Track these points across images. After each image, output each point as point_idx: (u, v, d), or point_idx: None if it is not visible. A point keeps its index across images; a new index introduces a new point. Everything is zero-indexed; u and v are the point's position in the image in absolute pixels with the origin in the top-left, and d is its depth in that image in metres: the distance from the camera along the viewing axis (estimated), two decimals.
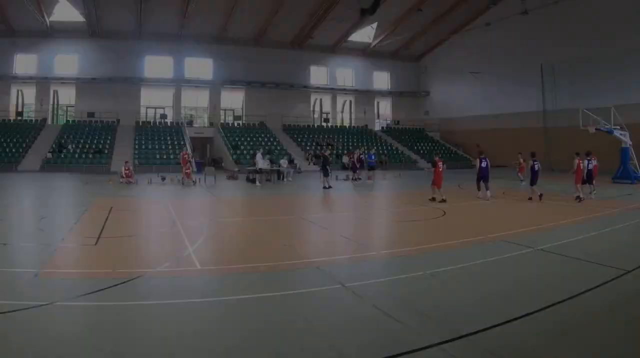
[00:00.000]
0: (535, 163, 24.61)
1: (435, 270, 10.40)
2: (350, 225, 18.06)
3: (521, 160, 32.45)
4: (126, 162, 34.36)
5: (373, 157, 37.28)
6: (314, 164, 49.28)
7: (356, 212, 20.59)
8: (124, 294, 8.75)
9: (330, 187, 30.46)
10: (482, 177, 24.74)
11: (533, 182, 24.38)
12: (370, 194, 25.21)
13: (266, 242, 13.84)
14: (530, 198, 24.01)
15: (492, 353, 6.37)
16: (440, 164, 23.20)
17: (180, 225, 16.34)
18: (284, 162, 37.44)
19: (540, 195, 23.50)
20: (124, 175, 32.56)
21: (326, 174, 31.47)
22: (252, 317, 7.78)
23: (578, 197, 22.71)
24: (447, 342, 6.63)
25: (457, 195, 26.80)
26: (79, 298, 8.47)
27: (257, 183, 33.48)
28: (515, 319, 7.60)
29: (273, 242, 13.88)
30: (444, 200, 21.91)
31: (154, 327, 7.31)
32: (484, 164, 24.83)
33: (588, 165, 25.26)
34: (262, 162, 34.83)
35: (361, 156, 37.92)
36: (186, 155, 34.87)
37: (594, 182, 25.73)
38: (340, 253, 12.61)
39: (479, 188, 24.70)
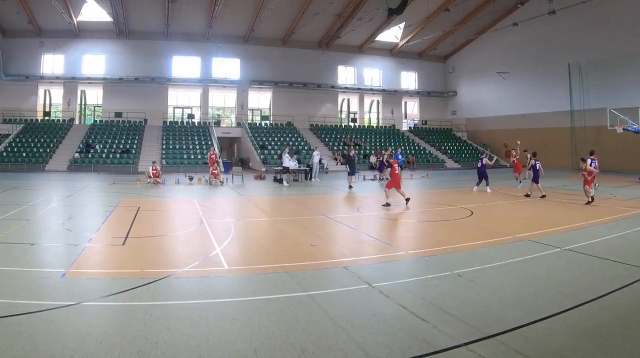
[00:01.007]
0: (536, 162, 25.86)
1: (463, 270, 10.43)
2: (377, 225, 17.98)
3: (515, 155, 30.84)
4: (154, 162, 34.47)
5: (400, 157, 37.11)
6: (342, 164, 49.25)
7: (383, 212, 20.49)
8: (152, 294, 8.79)
9: (350, 186, 30.94)
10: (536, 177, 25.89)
11: (536, 180, 25.56)
12: (396, 194, 25.08)
13: (293, 242, 13.83)
14: (527, 195, 24.93)
15: (520, 353, 6.36)
16: (396, 166, 22.11)
17: (208, 225, 16.45)
18: (292, 163, 37.28)
19: (543, 195, 24.15)
20: (152, 175, 32.69)
21: (351, 173, 32.25)
22: (279, 316, 7.78)
23: (589, 202, 22.43)
24: (474, 342, 6.69)
25: (484, 195, 26.80)
26: (106, 298, 8.54)
27: (285, 183, 33.54)
28: (543, 319, 7.63)
29: (300, 241, 13.87)
30: (408, 200, 21.35)
31: (182, 327, 7.28)
32: (537, 166, 25.72)
33: (591, 164, 25.50)
34: (287, 162, 34.81)
35: (388, 156, 37.73)
36: (213, 155, 34.93)
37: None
38: (367, 253, 12.60)
39: (539, 189, 25.11)
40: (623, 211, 20.21)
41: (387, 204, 20.76)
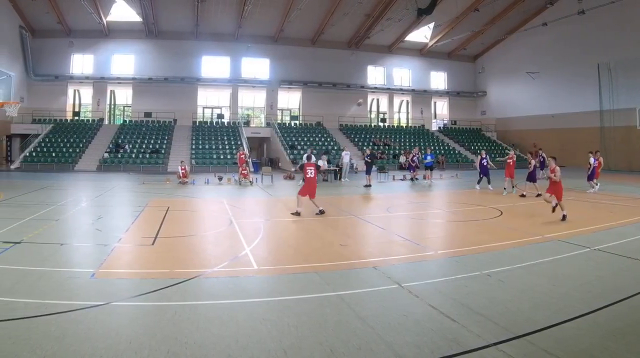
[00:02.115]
0: (535, 163, 26.96)
1: (492, 270, 10.42)
2: (407, 225, 17.94)
3: (512, 157, 29.90)
4: (182, 162, 34.62)
5: (430, 157, 36.96)
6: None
7: (412, 212, 20.44)
8: (181, 294, 8.82)
9: (366, 185, 31.74)
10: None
11: (533, 179, 26.33)
12: (426, 194, 25.04)
13: (322, 242, 13.84)
14: (523, 195, 25.28)
15: (549, 353, 6.34)
16: (309, 170, 19.70)
17: (237, 225, 16.46)
18: (321, 162, 37.21)
19: (538, 194, 24.34)
20: (181, 175, 32.81)
21: (368, 172, 32.92)
22: (308, 317, 7.78)
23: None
24: (503, 342, 6.69)
25: (512, 195, 26.58)
26: (135, 298, 8.58)
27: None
28: (572, 319, 7.63)
29: (329, 241, 13.87)
30: (322, 212, 19.04)
31: (211, 327, 7.29)
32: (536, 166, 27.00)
33: (594, 162, 27.88)
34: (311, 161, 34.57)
35: (414, 157, 37.62)
36: (243, 155, 34.94)
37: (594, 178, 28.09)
38: (396, 253, 12.55)
39: (535, 188, 25.75)
40: None
41: (297, 213, 18.75)
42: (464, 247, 13.11)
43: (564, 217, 16.95)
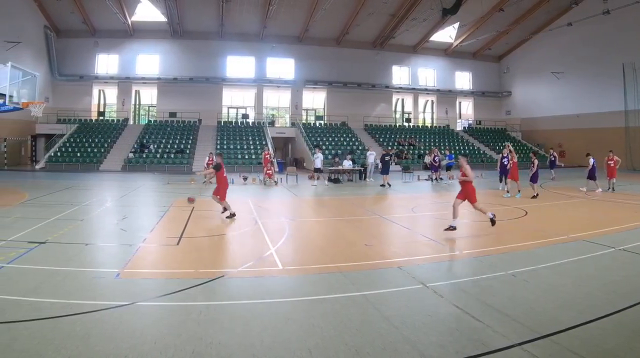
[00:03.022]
0: (538, 162, 26.62)
1: (517, 270, 10.41)
2: (431, 225, 17.92)
3: (512, 158, 29.26)
4: (210, 154, 34.61)
5: (451, 157, 36.78)
6: (396, 164, 49.25)
7: (437, 212, 20.39)
8: (206, 294, 8.85)
9: (382, 185, 32.07)
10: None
11: (535, 180, 25.80)
12: (450, 194, 24.97)
13: (347, 242, 13.80)
14: (535, 196, 24.85)
15: (574, 353, 6.36)
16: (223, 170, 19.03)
17: (262, 225, 16.50)
18: (346, 162, 37.30)
19: (536, 194, 25.01)
20: (207, 165, 32.76)
21: (385, 172, 33.01)
22: (333, 316, 7.79)
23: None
24: (528, 342, 6.72)
25: (541, 195, 26.25)
26: (160, 298, 8.63)
27: (325, 182, 33.86)
28: (597, 319, 7.64)
29: (354, 241, 13.83)
30: (232, 215, 18.10)
31: (236, 327, 7.31)
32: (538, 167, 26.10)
33: (593, 162, 28.21)
34: (319, 162, 34.88)
35: (436, 157, 37.54)
36: (268, 155, 34.99)
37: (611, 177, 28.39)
38: (421, 253, 12.53)
39: (532, 188, 25.62)
40: None
41: (231, 215, 18.02)
42: (488, 247, 13.11)
43: (492, 222, 15.43)
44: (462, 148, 60.69)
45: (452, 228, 14.68)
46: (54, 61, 56.81)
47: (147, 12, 56.50)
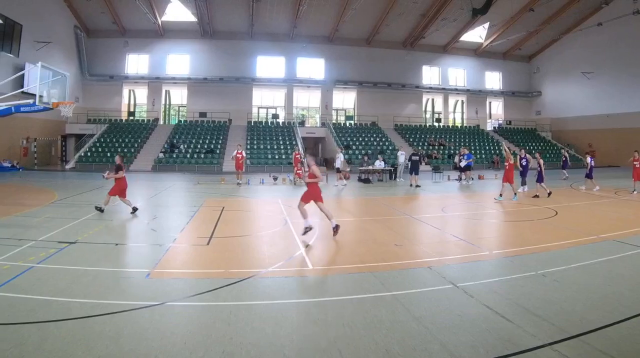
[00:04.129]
0: (540, 162, 26.96)
1: (547, 270, 10.40)
2: (461, 225, 17.85)
3: (509, 159, 28.59)
4: (239, 146, 34.73)
5: (470, 156, 36.53)
6: (426, 164, 49.20)
7: (467, 212, 20.35)
8: (236, 294, 8.87)
9: (411, 185, 32.09)
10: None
11: (541, 180, 25.96)
12: (480, 194, 24.96)
13: (377, 242, 13.77)
14: (536, 196, 24.96)
15: (604, 353, 6.36)
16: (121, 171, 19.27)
17: (292, 225, 16.54)
18: (378, 162, 37.35)
19: (536, 195, 25.13)
20: (235, 157, 32.88)
21: (412, 173, 33.03)
22: (363, 317, 7.78)
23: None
24: (558, 342, 6.73)
25: (569, 195, 26.79)
26: (190, 298, 8.66)
27: (336, 183, 33.63)
28: (627, 319, 7.64)
29: (384, 241, 13.82)
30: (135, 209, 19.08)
31: (266, 327, 7.32)
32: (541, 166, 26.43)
33: (591, 162, 29.02)
34: (339, 163, 34.77)
35: (462, 157, 37.45)
36: (298, 155, 35.11)
37: None
38: (451, 254, 12.50)
39: (543, 188, 25.84)
40: None
41: (133, 209, 18.60)
42: (518, 247, 13.08)
43: (335, 229, 14.54)
44: (492, 148, 60.78)
45: (308, 229, 14.36)
46: (84, 61, 57.58)
47: (177, 12, 57.03)
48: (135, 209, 18.80)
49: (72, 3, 53.20)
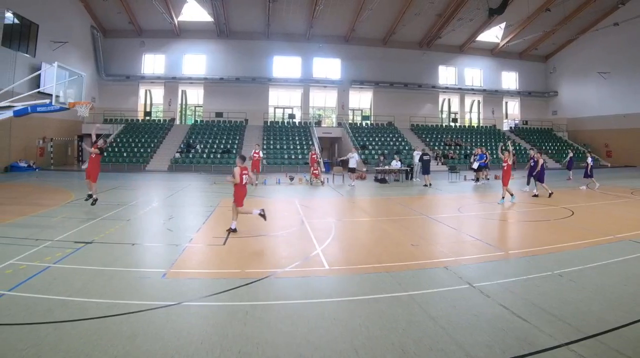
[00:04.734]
0: (542, 161, 27.36)
1: (564, 270, 10.46)
2: (478, 225, 17.83)
3: (506, 160, 27.93)
4: (257, 146, 34.85)
5: (482, 157, 36.38)
6: (443, 164, 49.18)
7: (483, 212, 20.32)
8: (252, 294, 8.91)
9: (425, 185, 32.43)
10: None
11: (541, 179, 26.61)
12: (497, 194, 24.95)
13: (394, 242, 13.77)
14: (536, 195, 25.47)
15: (620, 353, 6.43)
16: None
17: (309, 225, 16.59)
18: (394, 162, 37.39)
19: (536, 195, 25.78)
20: (252, 157, 32.95)
21: (426, 172, 33.53)
22: (379, 316, 7.84)
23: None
24: (575, 341, 6.80)
25: (586, 195, 26.67)
26: (207, 298, 8.70)
27: (352, 183, 33.42)
28: None
29: (401, 241, 13.83)
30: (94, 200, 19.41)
31: (282, 327, 7.37)
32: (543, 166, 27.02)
33: (591, 161, 29.42)
34: (354, 162, 34.58)
35: (475, 157, 37.47)
36: (315, 155, 35.16)
37: None
38: (467, 253, 12.54)
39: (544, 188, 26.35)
40: None
41: (93, 198, 19.16)
42: (535, 247, 13.09)
43: (230, 230, 15.00)
44: (508, 148, 59.46)
45: (231, 230, 14.81)
46: (100, 61, 57.87)
47: (193, 12, 57.20)
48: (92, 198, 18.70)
49: (89, 3, 53.45)
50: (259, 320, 7.62)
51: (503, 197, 23.03)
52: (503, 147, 31.75)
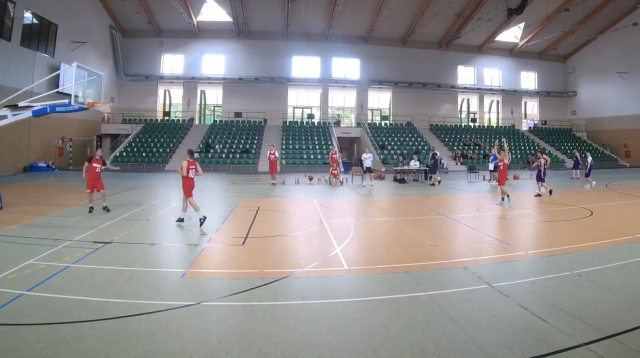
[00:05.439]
0: (545, 161, 27.07)
1: (582, 270, 10.46)
2: (497, 225, 17.82)
3: (502, 159, 27.64)
4: (272, 146, 34.85)
5: (495, 157, 36.23)
6: (462, 164, 49.11)
7: (502, 212, 20.23)
8: (271, 294, 8.92)
9: (432, 184, 33.02)
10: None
11: (541, 178, 26.41)
12: (515, 194, 24.90)
13: (413, 242, 13.79)
14: (539, 194, 25.80)
15: None
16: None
17: (327, 225, 16.56)
18: (413, 162, 37.37)
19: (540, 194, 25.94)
20: (269, 158, 33.05)
21: (433, 172, 34.01)
22: (398, 316, 7.86)
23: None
24: (594, 341, 6.80)
25: (605, 195, 26.62)
26: (226, 298, 8.73)
27: (370, 183, 33.45)
28: None
29: (420, 241, 13.84)
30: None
31: (301, 327, 7.39)
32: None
33: (591, 161, 29.81)
34: (369, 162, 34.43)
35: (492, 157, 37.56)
36: (335, 155, 35.06)
37: None
38: (486, 254, 12.57)
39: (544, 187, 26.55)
40: None
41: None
42: (553, 247, 13.10)
43: (180, 220, 16.73)
44: (527, 148, 60.24)
45: (180, 220, 16.61)
46: (119, 61, 58.26)
47: (212, 12, 57.37)
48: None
49: (108, 3, 53.77)
50: (278, 320, 7.64)
51: (502, 199, 22.50)
52: (499, 147, 31.64)
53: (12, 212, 18.78)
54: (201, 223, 15.72)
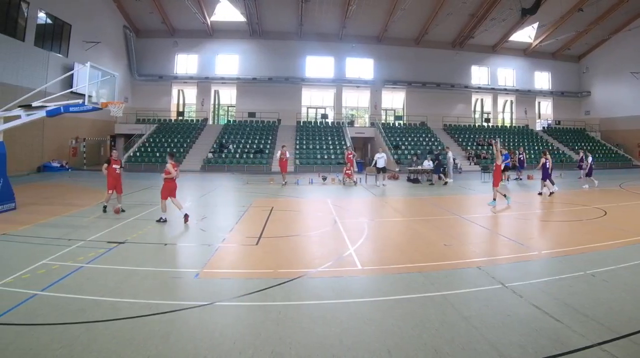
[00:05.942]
0: (547, 161, 27.02)
1: (596, 270, 10.48)
2: (510, 225, 17.82)
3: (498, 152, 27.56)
4: (283, 146, 35.04)
5: (507, 156, 36.11)
6: (475, 164, 49.01)
7: (516, 212, 20.20)
8: (285, 294, 8.94)
9: (431, 183, 33.38)
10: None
11: (546, 177, 26.57)
12: (529, 194, 24.84)
13: (426, 242, 13.79)
14: (540, 193, 26.44)
15: None
16: None
17: (341, 225, 16.58)
18: (426, 163, 37.34)
19: (540, 193, 26.54)
20: (279, 159, 33.22)
21: (436, 172, 34.39)
22: (412, 316, 7.87)
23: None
24: (607, 342, 6.82)
25: (619, 195, 26.55)
26: (239, 298, 8.74)
27: (384, 183, 33.50)
28: None
29: (433, 241, 13.86)
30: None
31: (315, 327, 7.40)
32: (547, 164, 26.94)
33: (591, 161, 29.76)
34: (382, 162, 34.28)
35: (520, 156, 37.41)
36: (351, 155, 35.15)
37: None
38: (500, 253, 12.63)
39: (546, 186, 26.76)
40: None
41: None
42: (567, 247, 13.10)
43: (186, 217, 17.12)
44: (541, 148, 59.70)
45: (162, 220, 16.93)
46: (133, 61, 58.44)
47: (226, 12, 57.46)
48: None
49: (122, 3, 53.99)
50: (291, 321, 7.65)
51: (494, 199, 22.17)
52: (502, 147, 31.65)
53: (26, 212, 18.90)
54: (158, 221, 16.47)
